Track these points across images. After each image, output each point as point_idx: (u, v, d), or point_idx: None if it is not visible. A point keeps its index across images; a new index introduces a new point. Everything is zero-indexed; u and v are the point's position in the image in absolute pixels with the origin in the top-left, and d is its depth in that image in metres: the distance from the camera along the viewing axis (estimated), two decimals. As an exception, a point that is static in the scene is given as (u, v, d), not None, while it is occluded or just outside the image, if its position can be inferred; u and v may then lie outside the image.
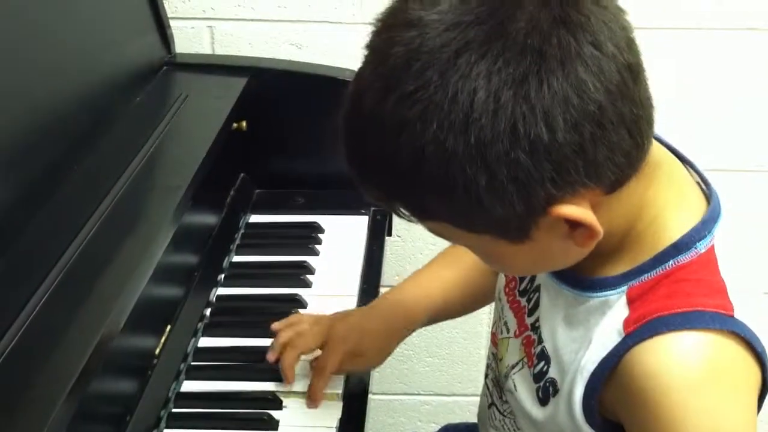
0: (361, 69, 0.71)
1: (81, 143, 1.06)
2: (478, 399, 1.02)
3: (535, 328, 0.84)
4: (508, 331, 0.89)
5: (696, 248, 0.74)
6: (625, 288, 0.75)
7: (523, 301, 0.88)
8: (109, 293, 0.86)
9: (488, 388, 0.96)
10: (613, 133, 0.67)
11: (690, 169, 0.80)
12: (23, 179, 0.94)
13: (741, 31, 1.50)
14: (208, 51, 1.52)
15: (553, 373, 0.81)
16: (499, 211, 0.67)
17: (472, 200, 0.66)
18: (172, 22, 1.39)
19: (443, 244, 1.73)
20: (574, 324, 0.79)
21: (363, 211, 1.37)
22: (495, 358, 0.95)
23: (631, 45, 0.69)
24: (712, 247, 0.75)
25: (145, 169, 1.07)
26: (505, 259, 0.76)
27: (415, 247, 1.67)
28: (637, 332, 0.73)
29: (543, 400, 0.82)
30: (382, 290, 1.25)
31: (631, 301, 0.75)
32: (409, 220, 0.75)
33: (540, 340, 0.83)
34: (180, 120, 1.21)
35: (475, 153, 0.64)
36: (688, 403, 0.71)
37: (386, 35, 0.68)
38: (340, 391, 1.01)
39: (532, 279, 0.87)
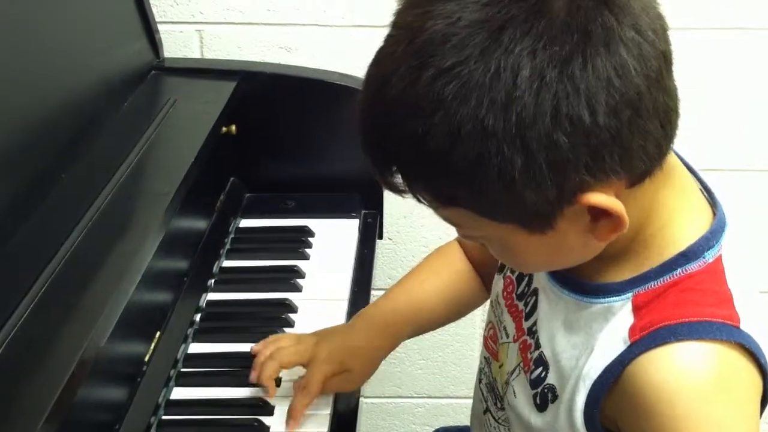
0: (385, 49, 0.68)
1: (69, 148, 1.05)
2: (471, 401, 1.02)
3: (532, 332, 0.83)
4: (507, 336, 0.88)
5: (704, 257, 0.73)
6: (630, 295, 0.74)
7: (521, 305, 0.87)
8: (98, 299, 0.85)
9: (482, 394, 0.95)
10: (648, 121, 0.66)
11: (695, 177, 0.80)
12: (11, 185, 0.93)
13: (729, 30, 1.50)
14: (197, 55, 1.51)
15: (551, 379, 0.80)
16: (530, 196, 0.65)
17: (504, 184, 0.65)
18: (160, 27, 1.38)
19: (434, 245, 1.73)
20: (575, 330, 0.78)
21: (354, 214, 1.37)
22: (488, 363, 0.94)
23: (665, 34, 0.68)
24: (720, 257, 0.74)
25: (134, 174, 1.07)
26: (521, 252, 0.74)
27: (407, 249, 1.67)
28: (643, 341, 0.72)
29: (541, 406, 0.81)
30: (374, 293, 1.25)
31: (636, 309, 0.73)
32: (430, 207, 0.72)
33: (537, 345, 0.82)
34: (169, 124, 1.20)
35: (514, 132, 0.63)
36: (695, 415, 0.70)
37: (421, 10, 0.66)
38: (329, 412, 0.99)
39: (529, 282, 0.86)
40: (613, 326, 0.74)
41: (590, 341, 0.75)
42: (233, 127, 1.32)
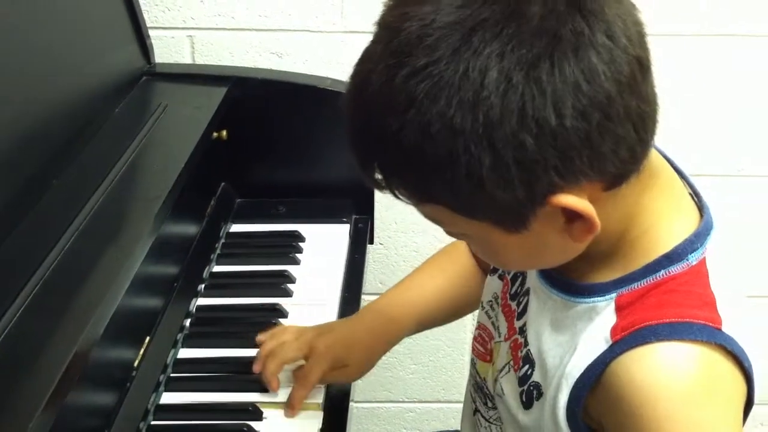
0: (369, 48, 0.70)
1: (61, 153, 1.05)
2: (461, 406, 1.02)
3: (523, 331, 0.84)
4: (500, 335, 0.89)
5: (688, 260, 0.74)
6: (614, 295, 0.75)
7: (513, 304, 0.88)
8: (87, 304, 0.85)
9: (471, 395, 0.96)
10: (620, 125, 0.67)
11: (684, 181, 0.80)
12: (2, 189, 0.93)
13: (720, 38, 1.51)
14: (188, 61, 1.51)
15: (537, 377, 0.80)
16: (500, 195, 0.66)
17: (474, 182, 0.66)
18: (152, 32, 1.38)
19: (425, 250, 1.73)
20: (561, 329, 0.79)
21: (344, 219, 1.37)
22: (473, 364, 0.95)
23: (642, 40, 0.69)
24: (704, 260, 0.75)
25: (125, 179, 1.07)
26: (500, 251, 0.76)
27: (398, 254, 1.67)
28: (624, 340, 0.72)
29: (527, 404, 0.82)
30: (364, 298, 1.25)
31: (619, 309, 0.74)
32: (410, 204, 0.74)
33: (526, 343, 0.83)
34: (160, 130, 1.20)
35: (482, 132, 0.64)
36: (675, 416, 0.70)
37: (399, 11, 0.68)
38: (320, 401, 1.01)
39: (523, 282, 0.87)
40: (596, 326, 0.75)
41: (574, 340, 0.76)
42: (224, 133, 1.33)
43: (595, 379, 0.74)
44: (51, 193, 1.00)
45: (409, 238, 1.66)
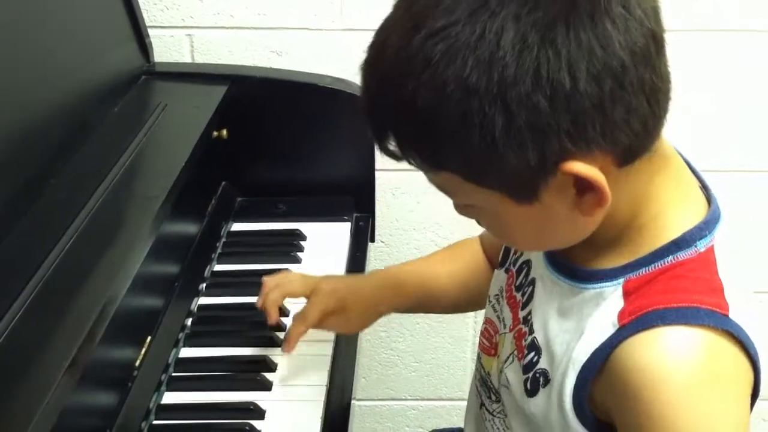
0: (388, 17, 0.71)
1: (59, 153, 1.05)
2: (464, 403, 1.02)
3: (527, 320, 0.84)
4: (505, 326, 0.90)
5: (696, 246, 0.74)
6: (621, 280, 0.75)
7: (518, 295, 0.88)
8: (88, 304, 0.85)
9: (477, 389, 0.96)
10: (633, 96, 0.67)
11: (693, 173, 0.81)
12: (1, 189, 0.93)
13: (713, 33, 1.51)
14: (187, 59, 1.51)
15: (544, 363, 0.80)
16: (512, 159, 0.67)
17: (487, 145, 0.66)
18: (151, 31, 1.38)
19: (426, 248, 1.72)
20: (567, 315, 0.79)
21: (345, 217, 1.37)
22: (479, 359, 0.95)
23: (657, 15, 0.70)
24: (712, 247, 0.75)
25: (124, 179, 1.07)
26: (510, 225, 0.76)
27: (399, 252, 1.67)
28: (631, 324, 0.72)
29: (531, 392, 0.81)
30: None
31: (627, 294, 0.75)
32: (422, 170, 0.74)
33: (531, 331, 0.83)
34: (159, 129, 1.20)
35: (496, 92, 0.65)
36: (680, 400, 0.70)
37: None
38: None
39: (528, 273, 0.87)
40: (604, 310, 0.75)
41: (581, 326, 0.76)
42: (224, 132, 1.33)
43: (601, 363, 0.74)
44: (50, 193, 0.99)
45: (410, 236, 1.66)
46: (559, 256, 0.81)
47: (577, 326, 0.77)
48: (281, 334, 1.10)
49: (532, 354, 0.82)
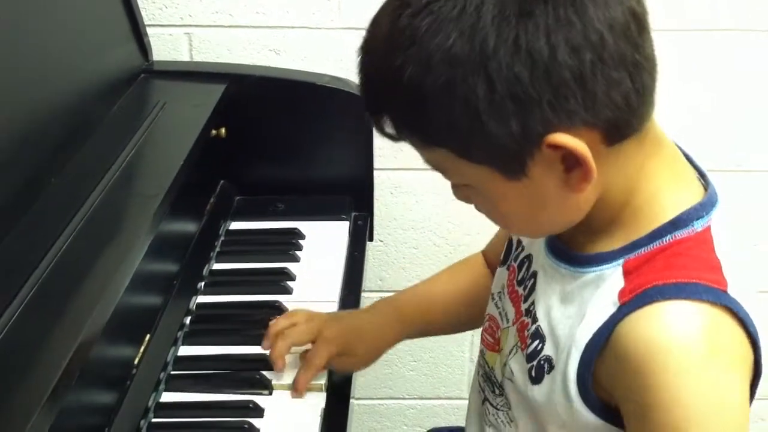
0: (383, 3, 0.75)
1: (59, 152, 1.05)
2: (462, 402, 1.02)
3: (529, 312, 0.85)
4: (507, 321, 0.91)
5: (693, 226, 0.76)
6: (621, 261, 0.76)
7: (520, 289, 0.89)
8: (87, 302, 0.85)
9: (480, 385, 0.96)
10: (613, 69, 0.69)
11: (689, 163, 0.82)
12: (0, 188, 0.93)
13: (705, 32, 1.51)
14: (186, 58, 1.51)
15: (548, 350, 0.81)
16: (495, 129, 0.69)
17: (471, 115, 0.69)
18: (149, 30, 1.38)
19: (425, 247, 1.72)
20: (569, 301, 0.80)
21: (344, 216, 1.37)
22: (482, 355, 0.96)
23: None
24: (709, 228, 0.76)
25: (123, 178, 1.07)
26: (502, 204, 0.77)
27: (398, 251, 1.67)
28: (631, 302, 0.74)
29: (536, 379, 0.82)
30: (364, 295, 1.25)
31: (626, 274, 0.76)
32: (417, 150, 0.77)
33: (534, 321, 0.84)
34: (158, 128, 1.20)
35: (478, 61, 0.67)
36: (684, 371, 0.71)
37: None
38: (323, 382, 1.03)
39: (528, 267, 0.88)
40: (604, 291, 0.76)
41: (582, 309, 0.77)
42: (223, 130, 1.33)
43: (603, 342, 0.75)
44: (50, 192, 0.99)
45: (409, 235, 1.66)
46: (559, 242, 0.82)
47: (579, 310, 0.78)
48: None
49: (537, 342, 0.82)
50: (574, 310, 0.79)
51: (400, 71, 0.70)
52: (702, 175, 0.81)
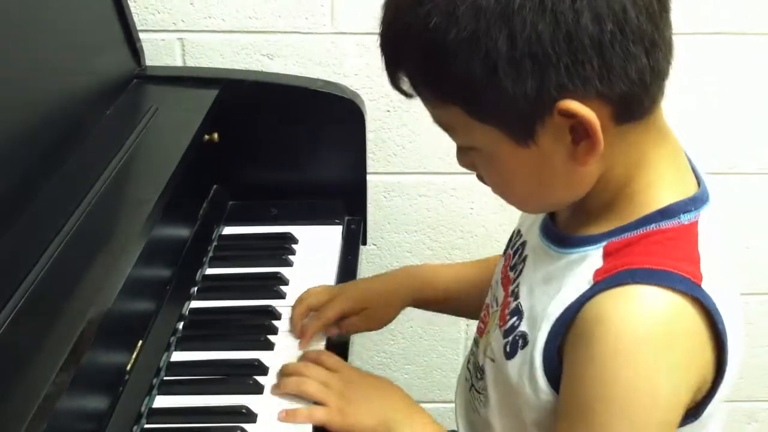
0: None
1: (51, 157, 1.05)
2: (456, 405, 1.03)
3: (514, 292, 0.87)
4: (497, 305, 0.92)
5: (679, 218, 0.76)
6: (604, 243, 0.77)
7: (512, 274, 0.90)
8: (79, 308, 0.85)
9: (469, 372, 0.97)
10: (632, 44, 0.70)
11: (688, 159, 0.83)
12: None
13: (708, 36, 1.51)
14: (179, 63, 1.51)
15: (524, 326, 0.82)
16: (511, 88, 0.70)
17: (489, 70, 0.70)
18: (142, 35, 1.38)
19: (418, 251, 1.72)
20: (551, 280, 0.81)
21: (337, 220, 1.37)
22: (475, 343, 0.97)
23: None
24: (696, 224, 0.77)
25: (116, 183, 1.07)
26: (508, 172, 0.78)
27: (391, 255, 1.67)
28: (604, 281, 0.75)
29: (510, 354, 0.83)
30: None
31: (606, 255, 0.77)
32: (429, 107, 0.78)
33: (516, 298, 0.85)
34: (151, 133, 1.20)
35: (503, 16, 0.68)
36: (628, 353, 0.72)
37: None
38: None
39: (521, 252, 0.90)
40: (583, 270, 0.78)
41: (560, 285, 0.79)
42: (215, 135, 1.32)
43: (572, 317, 0.76)
44: (42, 197, 0.99)
45: (402, 239, 1.66)
46: (552, 225, 0.84)
47: (557, 288, 0.79)
48: (273, 338, 1.11)
49: (514, 319, 0.84)
50: (554, 288, 0.80)
51: (425, 20, 0.70)
52: (696, 174, 0.82)
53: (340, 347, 1.12)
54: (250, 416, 0.99)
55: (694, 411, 0.77)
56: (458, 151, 0.81)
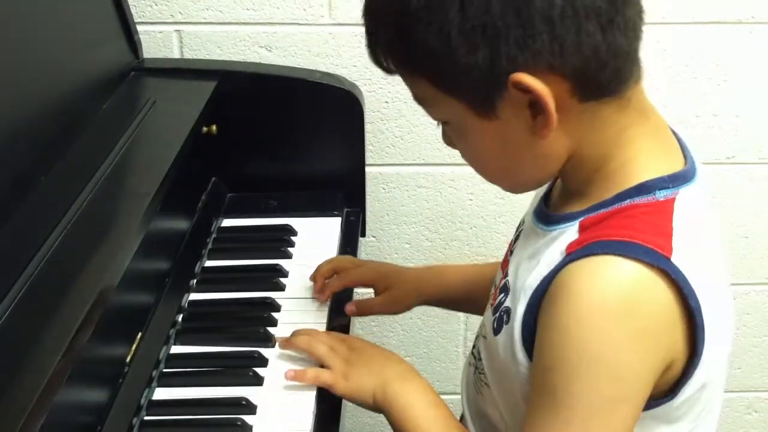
0: None
1: (49, 150, 1.05)
2: (456, 397, 1.03)
3: (506, 272, 0.88)
4: (494, 286, 0.93)
5: (655, 195, 0.77)
6: (581, 218, 0.79)
7: (510, 256, 0.91)
8: (79, 300, 0.85)
9: (474, 356, 0.98)
10: (584, 20, 0.71)
11: (678, 141, 0.84)
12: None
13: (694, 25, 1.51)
14: (177, 55, 1.51)
15: (508, 302, 0.84)
16: (464, 58, 0.72)
17: (443, 41, 0.72)
18: (139, 27, 1.38)
19: (417, 242, 1.72)
20: (534, 256, 0.82)
21: (336, 212, 1.37)
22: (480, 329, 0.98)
23: None
24: (672, 201, 0.77)
25: (114, 175, 1.07)
26: (477, 145, 0.80)
27: (390, 247, 1.67)
28: (575, 252, 0.76)
29: (497, 330, 0.85)
30: (357, 292, 1.25)
31: (582, 229, 0.78)
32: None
33: (505, 276, 0.87)
34: (149, 125, 1.20)
35: None
36: (589, 320, 0.73)
37: None
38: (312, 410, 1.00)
39: (518, 237, 0.91)
40: (559, 244, 0.79)
41: (539, 259, 0.80)
42: (213, 127, 1.32)
43: (545, 288, 0.77)
44: (40, 190, 0.99)
45: (401, 231, 1.66)
46: (543, 206, 0.86)
47: (536, 262, 0.81)
48: (273, 330, 1.11)
49: (502, 295, 0.86)
50: (535, 263, 0.81)
51: None
52: (685, 154, 0.82)
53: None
54: (249, 407, 0.99)
55: (669, 392, 0.77)
56: (442, 132, 0.84)
